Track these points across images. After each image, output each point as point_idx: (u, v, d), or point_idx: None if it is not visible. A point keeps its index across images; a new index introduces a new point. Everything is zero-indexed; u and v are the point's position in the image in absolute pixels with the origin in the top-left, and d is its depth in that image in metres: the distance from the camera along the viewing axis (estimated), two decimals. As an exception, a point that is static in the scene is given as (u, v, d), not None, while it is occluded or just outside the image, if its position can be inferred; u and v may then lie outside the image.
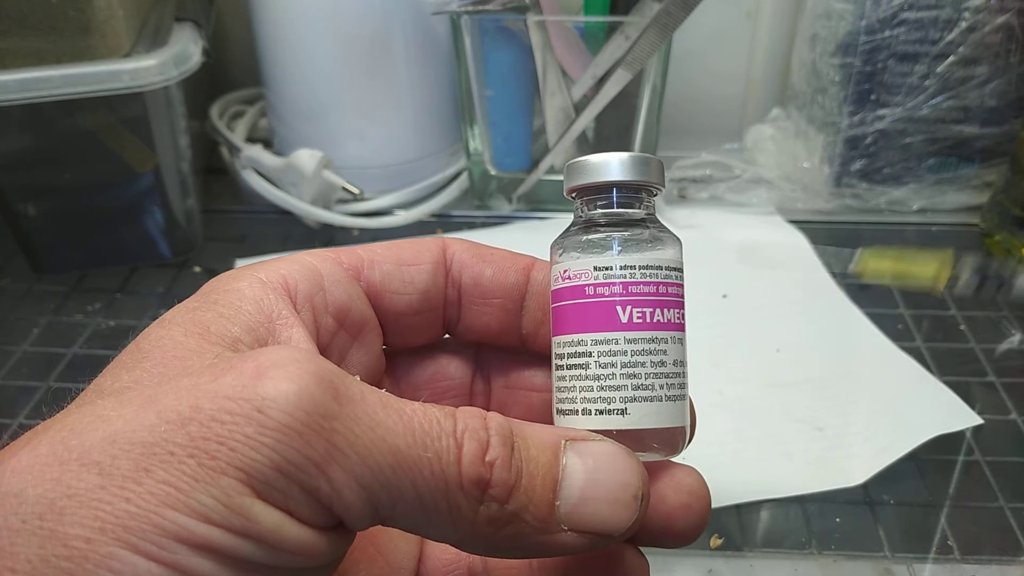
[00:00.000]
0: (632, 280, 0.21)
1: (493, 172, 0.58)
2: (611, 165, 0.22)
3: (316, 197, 0.56)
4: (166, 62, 0.47)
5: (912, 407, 0.41)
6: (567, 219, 0.23)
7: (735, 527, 0.35)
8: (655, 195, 0.23)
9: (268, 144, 0.61)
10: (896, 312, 0.48)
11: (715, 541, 0.35)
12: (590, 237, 0.22)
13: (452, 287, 0.24)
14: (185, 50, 0.49)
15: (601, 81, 0.53)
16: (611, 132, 0.56)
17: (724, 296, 0.49)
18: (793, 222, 0.57)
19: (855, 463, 0.38)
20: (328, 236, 0.57)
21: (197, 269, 0.54)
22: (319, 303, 0.21)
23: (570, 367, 0.21)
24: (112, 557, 0.14)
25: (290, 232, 0.57)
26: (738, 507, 0.36)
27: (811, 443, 0.39)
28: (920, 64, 0.53)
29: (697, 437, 0.28)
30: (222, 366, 0.17)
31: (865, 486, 0.37)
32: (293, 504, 0.16)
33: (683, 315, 0.22)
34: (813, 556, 0.34)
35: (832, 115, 0.56)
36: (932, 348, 0.45)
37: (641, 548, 0.22)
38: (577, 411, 0.21)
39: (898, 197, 0.57)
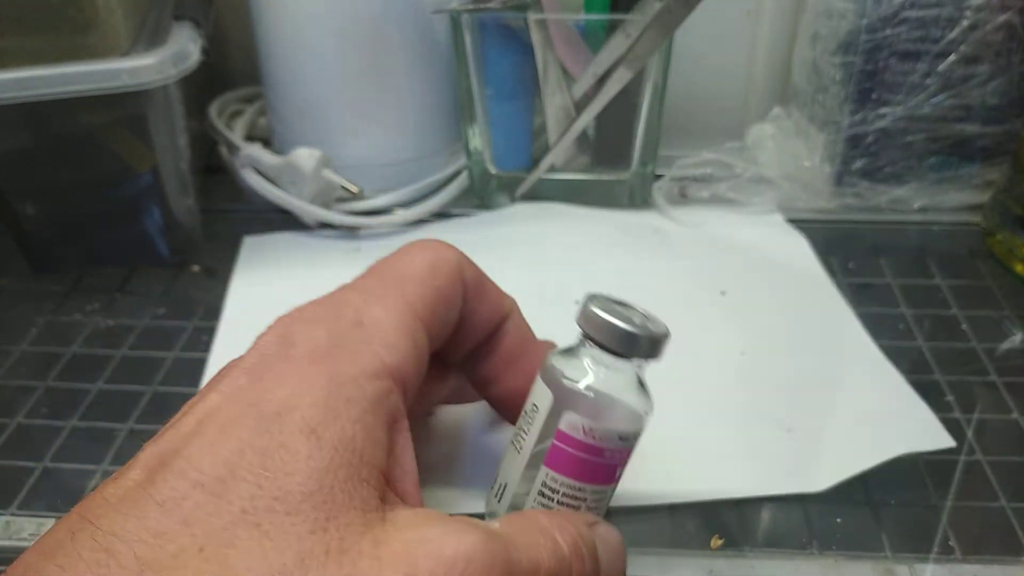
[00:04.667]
0: (630, 448, 0.27)
1: (493, 171, 0.58)
2: (629, 338, 0.25)
3: (315, 196, 0.56)
4: (165, 61, 0.47)
5: (886, 420, 0.40)
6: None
7: (736, 527, 0.35)
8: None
9: (267, 143, 0.61)
10: (897, 311, 0.48)
11: (716, 541, 0.34)
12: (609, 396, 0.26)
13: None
14: (184, 49, 0.49)
15: (602, 80, 0.52)
16: (612, 131, 0.56)
17: (723, 293, 0.49)
18: (794, 221, 0.57)
19: (821, 470, 0.37)
20: (327, 234, 0.57)
21: (196, 268, 0.54)
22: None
23: (561, 502, 0.26)
24: None
25: (289, 231, 0.57)
26: (739, 507, 0.36)
27: (778, 444, 0.38)
28: (921, 62, 0.53)
29: (667, 433, 0.32)
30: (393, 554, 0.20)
31: (866, 486, 0.36)
32: None
33: None
34: (814, 556, 0.34)
35: (833, 114, 0.56)
36: (933, 347, 0.45)
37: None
38: None
39: (899, 196, 0.57)
